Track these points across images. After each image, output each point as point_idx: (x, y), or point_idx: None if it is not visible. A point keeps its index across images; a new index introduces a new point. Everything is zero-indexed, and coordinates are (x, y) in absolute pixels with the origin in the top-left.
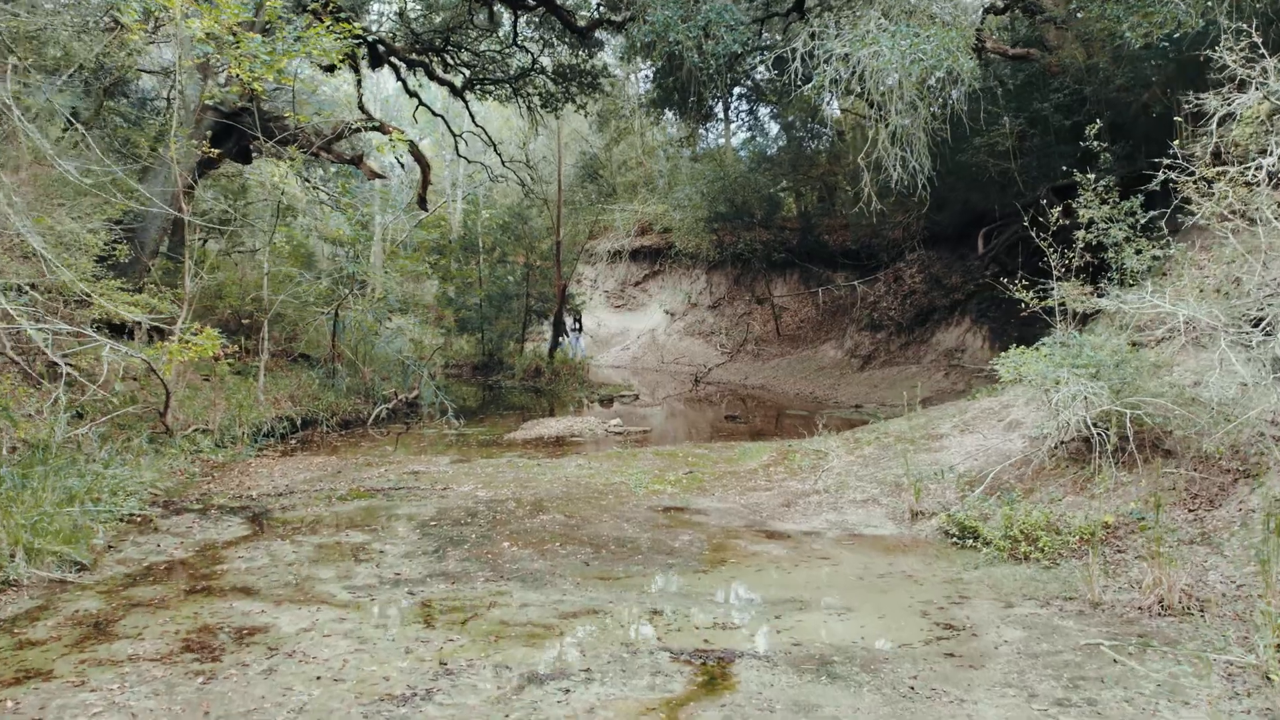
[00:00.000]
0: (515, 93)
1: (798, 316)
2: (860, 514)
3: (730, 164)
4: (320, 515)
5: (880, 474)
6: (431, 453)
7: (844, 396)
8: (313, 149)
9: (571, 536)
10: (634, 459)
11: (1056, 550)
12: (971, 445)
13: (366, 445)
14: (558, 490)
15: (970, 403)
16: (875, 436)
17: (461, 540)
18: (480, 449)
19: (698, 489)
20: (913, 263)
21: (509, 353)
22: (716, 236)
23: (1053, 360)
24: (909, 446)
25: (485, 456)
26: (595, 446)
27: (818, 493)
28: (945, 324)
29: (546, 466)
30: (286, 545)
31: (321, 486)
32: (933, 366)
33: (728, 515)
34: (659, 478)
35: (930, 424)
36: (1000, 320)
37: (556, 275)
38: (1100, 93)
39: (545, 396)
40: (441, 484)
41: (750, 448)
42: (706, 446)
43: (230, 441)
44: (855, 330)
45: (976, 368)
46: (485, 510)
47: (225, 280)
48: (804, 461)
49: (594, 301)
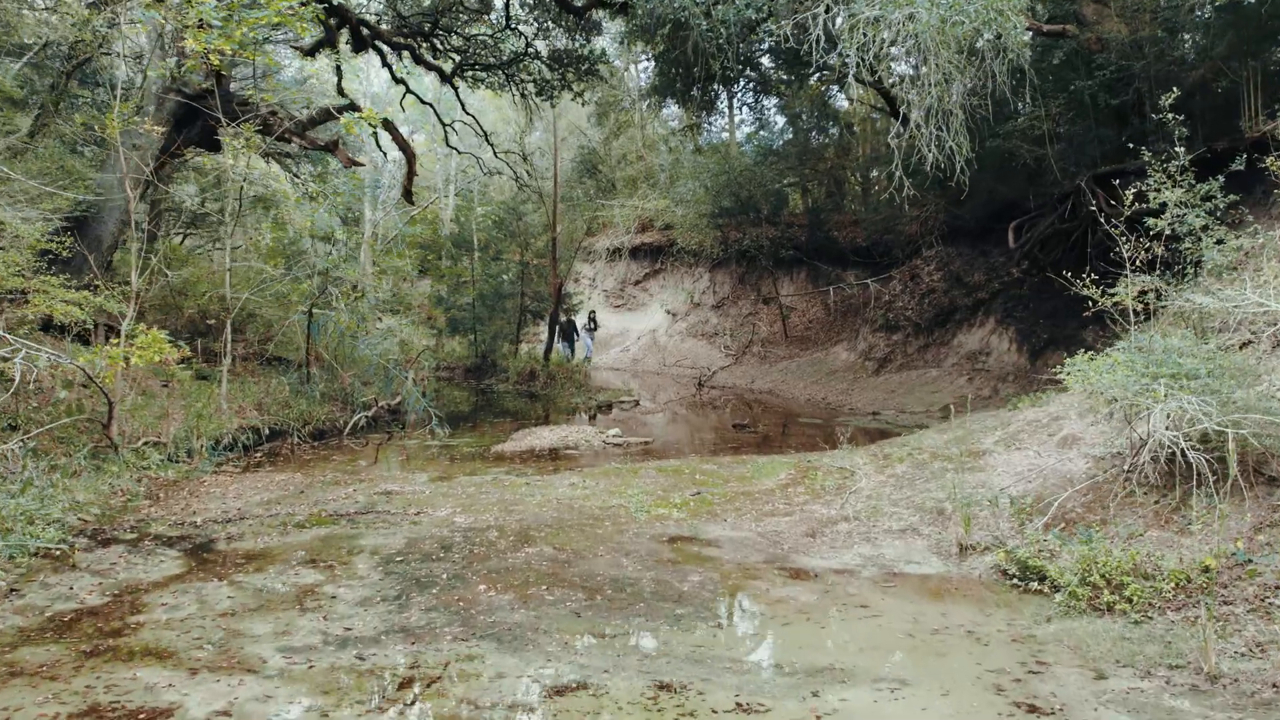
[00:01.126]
0: (508, 79)
1: (806, 317)
2: (899, 547)
3: (735, 157)
4: (270, 547)
5: (918, 497)
6: (410, 467)
7: (859, 402)
8: (279, 132)
9: (561, 576)
10: (634, 476)
11: (1147, 600)
12: (1021, 464)
13: (339, 459)
14: (547, 515)
15: (1012, 413)
16: (908, 452)
17: (430, 581)
18: (464, 463)
19: (707, 514)
20: (930, 259)
21: (503, 355)
22: (721, 233)
23: (1133, 369)
24: (948, 465)
25: (469, 473)
26: (592, 460)
27: (846, 520)
28: (967, 325)
29: (536, 485)
30: (223, 588)
31: (279, 510)
32: (954, 370)
33: (743, 547)
34: (663, 500)
35: (969, 438)
36: (1028, 321)
37: (552, 274)
38: (1151, 69)
39: (540, 401)
40: (415, 507)
41: (764, 463)
42: (715, 461)
43: (186, 455)
44: (869, 331)
45: (1003, 372)
46: (462, 541)
47: (191, 277)
48: (827, 481)
49: (593, 301)
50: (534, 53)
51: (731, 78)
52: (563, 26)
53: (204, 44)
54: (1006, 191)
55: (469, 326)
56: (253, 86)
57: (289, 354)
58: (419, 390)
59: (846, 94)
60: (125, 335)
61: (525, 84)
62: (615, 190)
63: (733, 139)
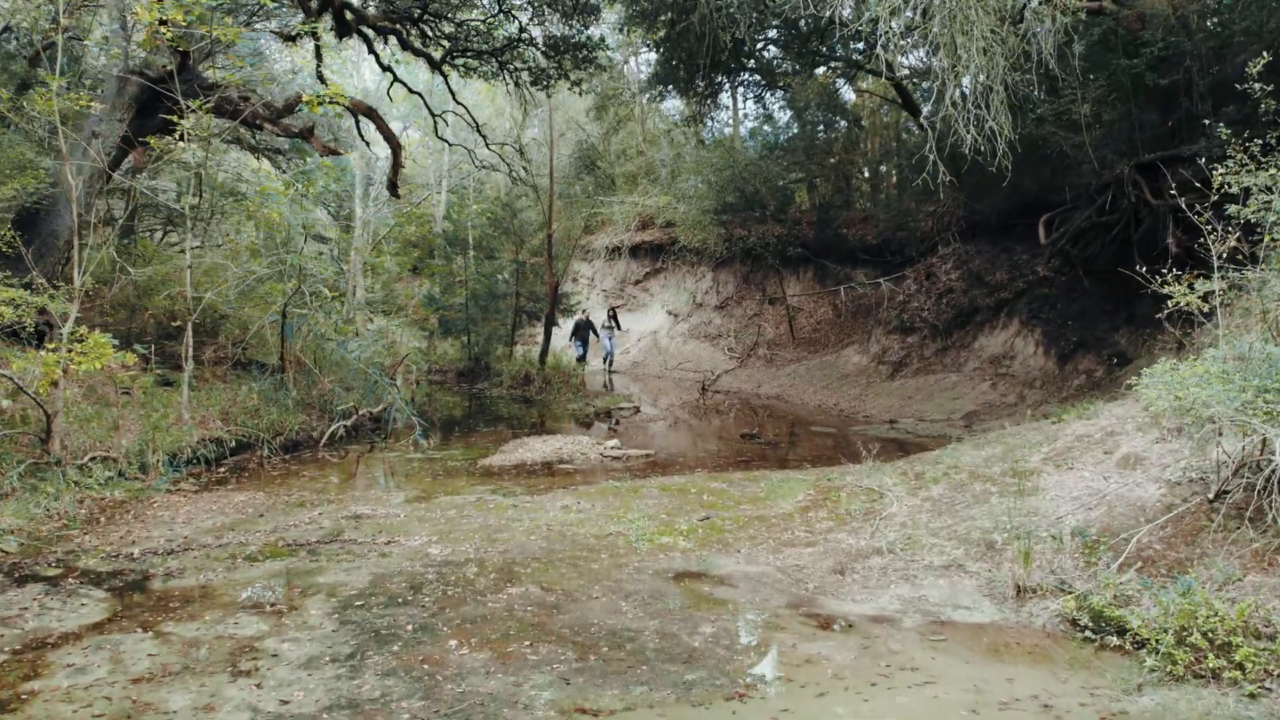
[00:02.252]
0: (502, 68)
1: (814, 318)
2: (943, 587)
3: (739, 152)
4: (213, 586)
5: (960, 526)
6: (387, 485)
7: (874, 409)
8: (244, 114)
9: (548, 627)
10: (635, 496)
11: (1263, 667)
12: (1077, 487)
13: (310, 474)
14: (535, 546)
15: (1057, 426)
16: (943, 471)
17: (392, 634)
18: (447, 480)
19: (718, 543)
20: (948, 257)
21: (497, 357)
22: (725, 230)
23: (1231, 382)
24: (991, 487)
25: (451, 492)
26: (588, 476)
27: (880, 553)
28: (989, 326)
29: (525, 508)
30: (146, 641)
31: (230, 539)
32: (976, 375)
33: (762, 587)
34: (667, 526)
35: (1011, 455)
36: (1055, 322)
37: (549, 273)
38: (1202, 45)
39: (535, 407)
40: (387, 535)
41: (780, 481)
42: (724, 478)
43: (140, 471)
44: (882, 333)
45: (1029, 377)
46: (436, 579)
47: (156, 275)
48: (853, 504)
49: (591, 301)
50: (529, 39)
51: (737, 65)
52: (559, 11)
53: (155, 13)
54: (1032, 184)
55: (461, 328)
56: (213, 65)
57: (268, 358)
58: (403, 396)
59: (856, 86)
60: (66, 339)
61: (520, 73)
62: (614, 187)
63: (736, 134)
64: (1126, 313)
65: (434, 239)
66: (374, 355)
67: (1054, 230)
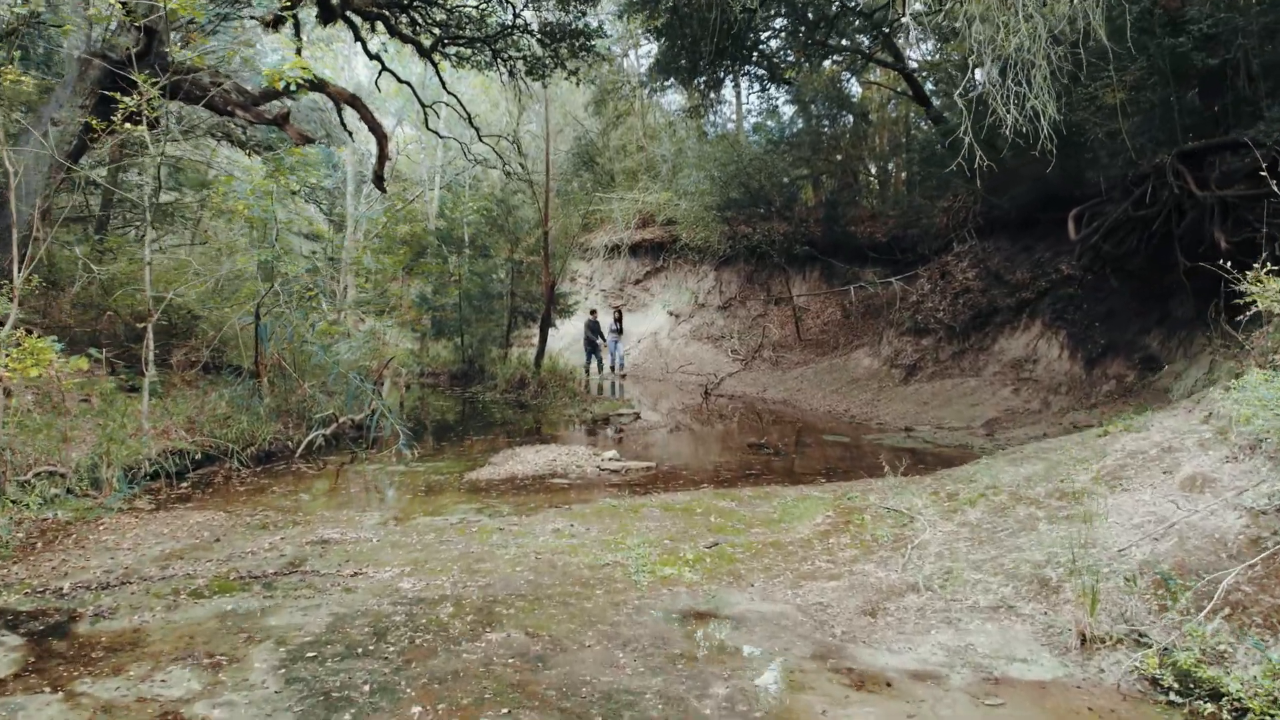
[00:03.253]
0: (495, 56)
1: (820, 319)
2: (993, 634)
3: (744, 146)
4: (146, 631)
5: (1007, 558)
6: (362, 503)
7: (888, 415)
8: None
9: (531, 688)
10: (635, 517)
11: None
12: (1137, 512)
13: (280, 489)
14: (521, 579)
15: (1104, 440)
16: (979, 492)
17: (345, 698)
18: (429, 498)
19: (728, 575)
20: (963, 255)
21: (491, 360)
22: (729, 227)
23: None
24: (1036, 511)
25: (432, 511)
26: (583, 493)
27: (915, 590)
28: (1009, 328)
29: (512, 532)
30: (54, 704)
31: (178, 569)
32: (997, 380)
33: (782, 631)
34: (671, 553)
35: (1054, 472)
36: (1081, 324)
37: (544, 271)
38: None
39: (530, 412)
40: (355, 565)
41: (794, 500)
42: (732, 495)
43: (93, 488)
44: (894, 335)
45: (1054, 382)
46: (404, 621)
47: (121, 274)
48: (879, 529)
49: (589, 301)
50: (523, 26)
51: (740, 54)
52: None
53: None
54: (1055, 177)
55: (455, 329)
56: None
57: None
58: (392, 401)
59: (864, 79)
60: (3, 342)
61: (514, 62)
62: (614, 183)
63: (740, 129)
64: (1158, 313)
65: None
66: (361, 358)
67: (1084, 225)
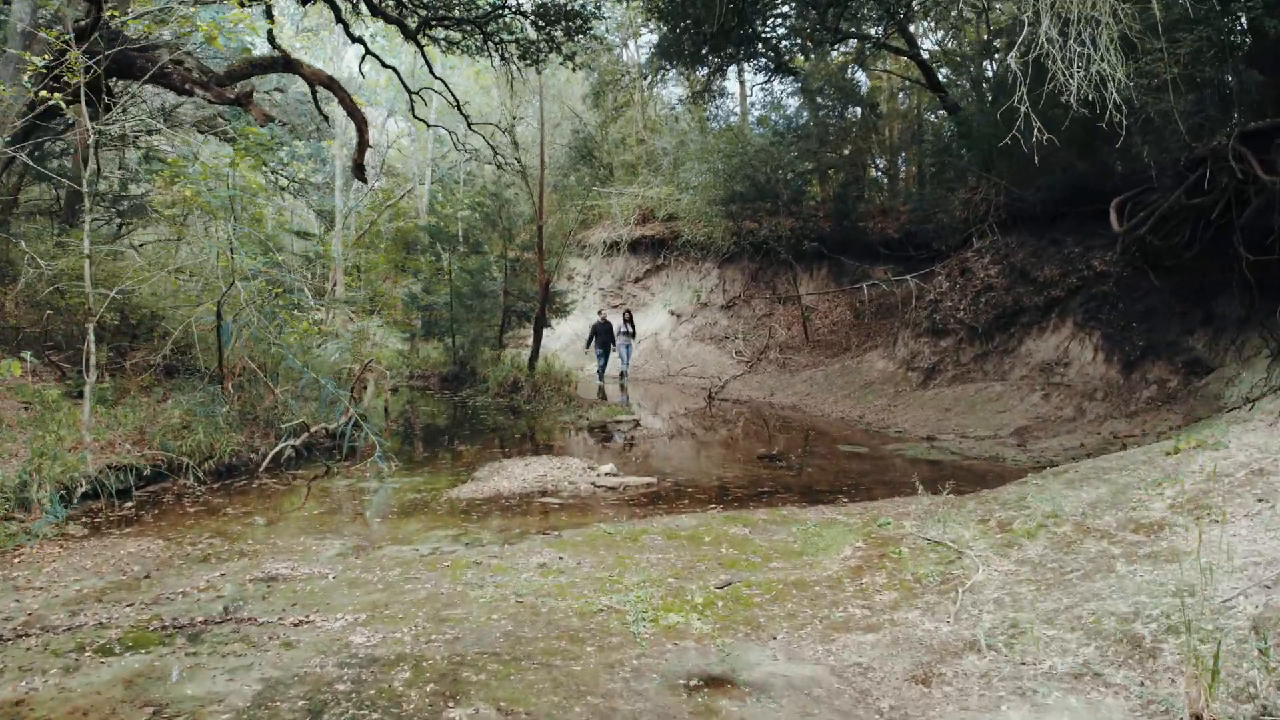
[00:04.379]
0: (487, 40)
1: (829, 319)
2: (1079, 711)
3: (749, 139)
4: (31, 703)
5: (1083, 609)
6: (325, 527)
7: (906, 422)
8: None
9: None
10: (634, 546)
11: None
12: (1239, 551)
13: (235, 510)
14: (497, 631)
15: (1175, 460)
16: (1037, 522)
17: None
18: (402, 519)
19: (745, 624)
20: (984, 251)
21: (484, 361)
22: (733, 222)
23: None
24: (1111, 546)
25: (402, 539)
26: (576, 515)
27: (975, 649)
28: (1038, 329)
29: (491, 567)
30: None
31: (91, 615)
32: (1025, 384)
33: (815, 705)
34: (677, 595)
35: (1122, 498)
36: (1117, 324)
37: (539, 268)
38: None
39: (523, 418)
40: (303, 609)
41: (817, 527)
42: (744, 519)
43: (22, 509)
44: (910, 336)
45: (1088, 387)
46: (349, 692)
47: (71, 269)
48: (920, 565)
49: (587, 301)
50: (516, 6)
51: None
52: None
53: None
54: (1086, 166)
55: (445, 329)
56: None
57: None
58: (376, 406)
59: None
60: None
61: (507, 45)
62: (613, 178)
63: (744, 122)
64: (1202, 312)
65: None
66: (345, 360)
67: (1126, 217)
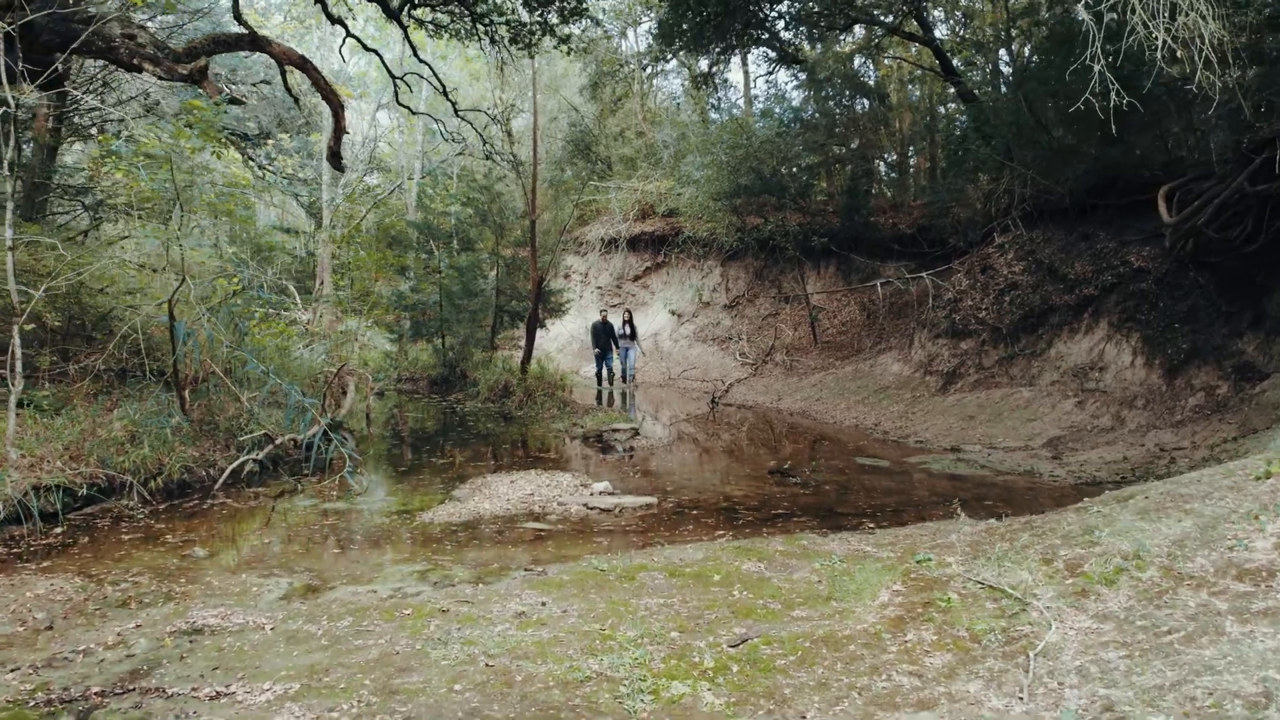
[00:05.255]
0: (475, 21)
1: (838, 319)
2: None
3: (754, 130)
4: None
5: (1191, 684)
6: (272, 562)
7: (927, 431)
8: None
9: None
10: (631, 586)
11: None
12: None
13: (175, 538)
14: (459, 708)
15: (1266, 486)
16: (1114, 565)
17: None
18: (364, 551)
19: (766, 696)
20: (1007, 247)
21: (474, 364)
22: (737, 218)
23: None
24: (1215, 601)
25: (358, 578)
26: (564, 544)
27: None
28: (1069, 330)
29: (459, 615)
30: None
31: None
32: (1055, 390)
33: None
34: (682, 656)
35: (1213, 534)
36: (1158, 325)
37: (532, 264)
38: None
39: (514, 425)
40: (223, 672)
41: (844, 562)
42: (758, 551)
43: None
44: (927, 337)
45: (1128, 394)
46: None
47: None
48: (976, 619)
49: (584, 300)
50: None
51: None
52: None
53: None
54: (1118, 155)
55: (434, 330)
56: None
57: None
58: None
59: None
60: None
61: (496, 28)
62: (611, 172)
63: (749, 113)
64: (1252, 313)
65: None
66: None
67: (1179, 206)
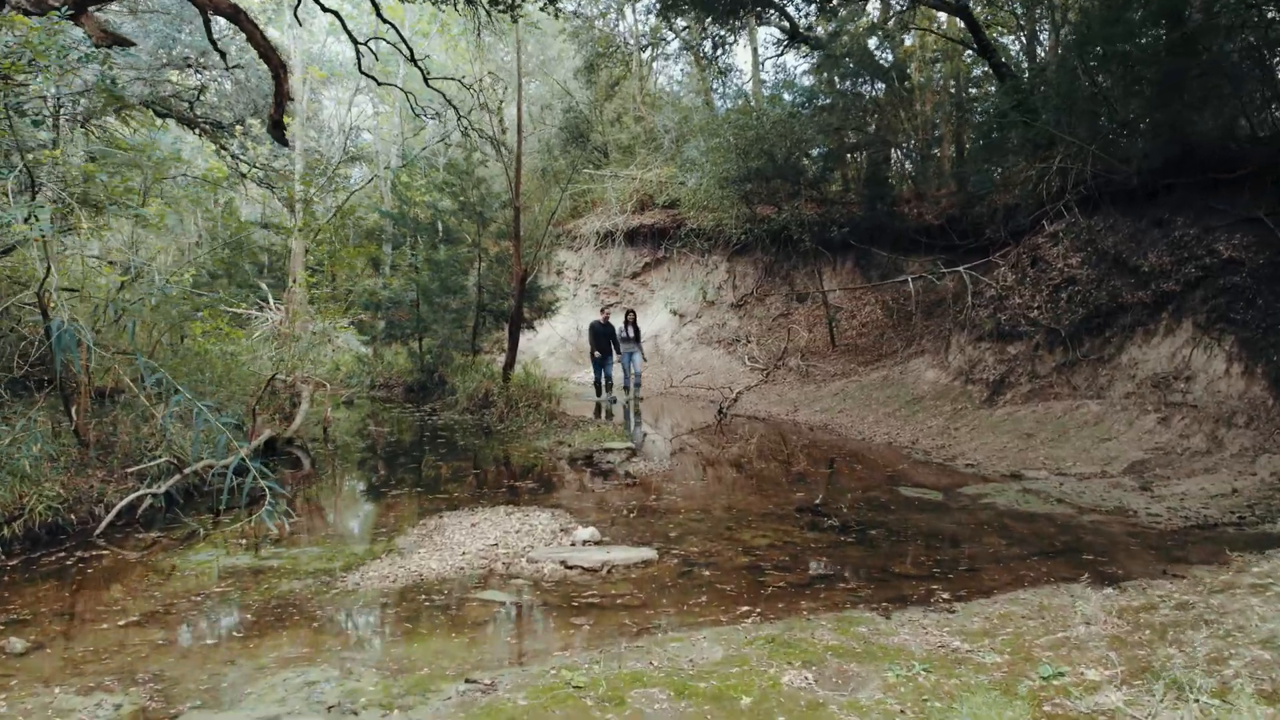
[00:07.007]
0: None
1: (858, 319)
2: None
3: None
4: None
5: None
6: (114, 661)
7: (976, 453)
8: None
9: None
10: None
11: None
12: None
13: (10, 611)
14: None
15: None
16: None
17: None
18: (248, 640)
19: None
20: (1060, 236)
21: (455, 369)
22: (747, 207)
23: None
24: None
25: (216, 699)
26: (527, 629)
27: None
28: (1144, 332)
29: None
30: None
31: None
32: (1131, 404)
33: None
34: None
35: None
36: (1258, 326)
37: (515, 257)
38: None
39: (493, 441)
40: None
41: (930, 671)
42: (803, 647)
43: None
44: (966, 340)
45: (1223, 409)
46: None
47: None
48: None
49: (578, 298)
50: None
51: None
52: None
53: None
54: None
55: (410, 332)
56: None
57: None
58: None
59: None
60: None
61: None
62: (607, 160)
63: (757, 95)
64: None
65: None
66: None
67: None
